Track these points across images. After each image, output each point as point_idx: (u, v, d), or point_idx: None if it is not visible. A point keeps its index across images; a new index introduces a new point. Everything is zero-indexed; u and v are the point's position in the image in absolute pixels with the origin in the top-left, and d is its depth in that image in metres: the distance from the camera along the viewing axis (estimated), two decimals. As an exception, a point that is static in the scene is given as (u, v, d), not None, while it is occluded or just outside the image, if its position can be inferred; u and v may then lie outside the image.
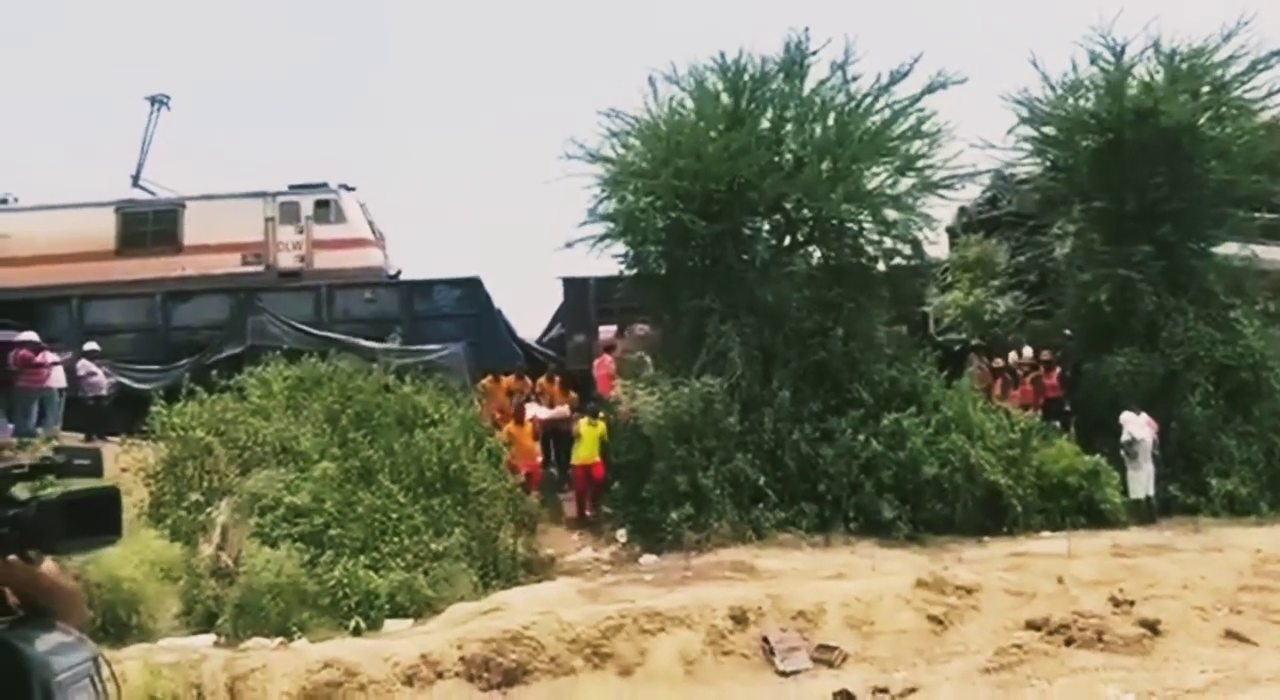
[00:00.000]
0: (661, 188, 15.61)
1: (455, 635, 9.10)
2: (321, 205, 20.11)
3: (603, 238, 16.43)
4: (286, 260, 19.82)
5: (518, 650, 9.20)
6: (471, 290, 19.60)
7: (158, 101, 22.39)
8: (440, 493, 12.17)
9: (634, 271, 16.97)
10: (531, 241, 44.40)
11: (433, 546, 11.28)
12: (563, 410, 16.15)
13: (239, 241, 19.81)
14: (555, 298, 21.15)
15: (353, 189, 20.69)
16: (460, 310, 19.46)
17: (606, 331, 19.28)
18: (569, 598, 10.54)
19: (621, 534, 13.93)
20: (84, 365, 16.33)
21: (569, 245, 16.35)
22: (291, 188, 20.38)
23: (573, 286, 20.26)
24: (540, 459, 15.46)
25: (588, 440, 14.74)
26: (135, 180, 21.77)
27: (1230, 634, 9.96)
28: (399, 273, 21.51)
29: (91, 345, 16.86)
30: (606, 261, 17.12)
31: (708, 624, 9.95)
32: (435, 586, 10.88)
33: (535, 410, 15.79)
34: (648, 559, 13.03)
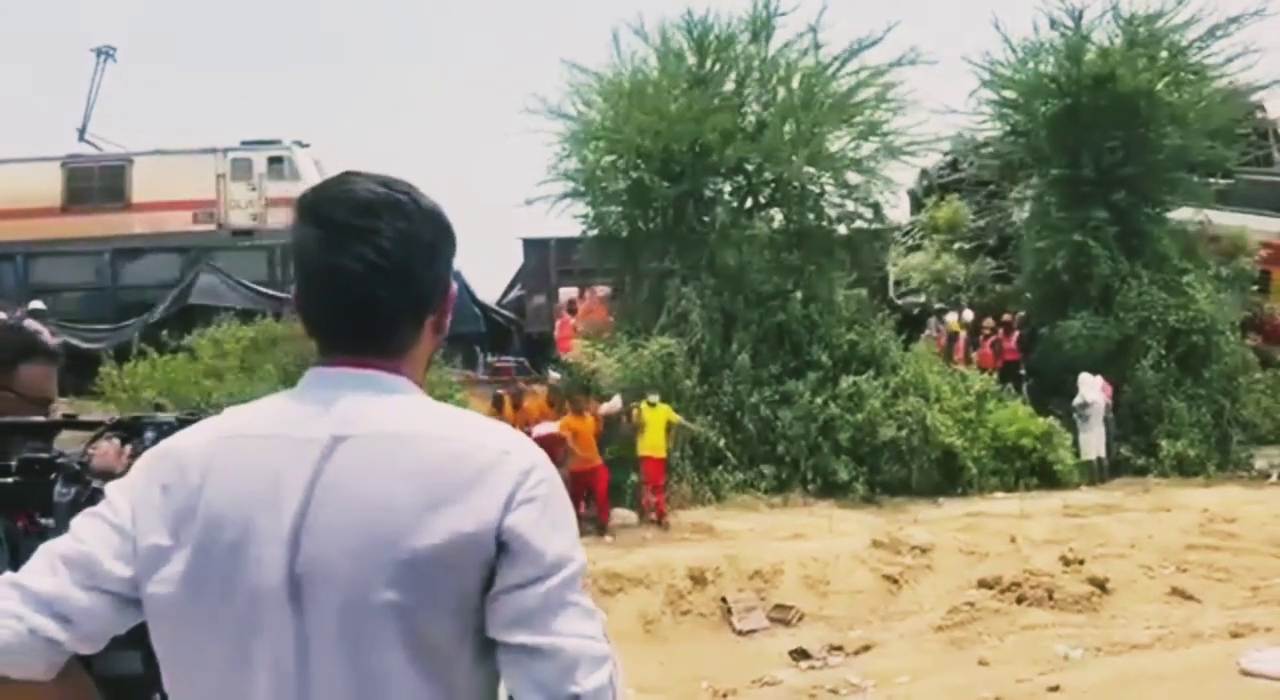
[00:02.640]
0: (623, 147, 15.51)
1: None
2: (275, 162, 19.73)
3: (563, 197, 16.32)
4: (239, 218, 19.45)
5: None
6: (429, 251, 19.38)
7: (104, 53, 21.75)
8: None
9: (595, 232, 16.89)
10: (491, 202, 44.12)
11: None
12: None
13: (190, 198, 19.39)
14: (515, 259, 21.05)
15: (307, 146, 20.31)
16: (418, 270, 19.24)
17: (567, 293, 19.20)
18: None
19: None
20: (29, 324, 15.94)
21: (529, 203, 16.28)
22: (244, 144, 19.96)
23: (533, 247, 20.17)
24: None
25: (654, 425, 12.89)
26: (81, 135, 21.20)
27: (1176, 592, 10.18)
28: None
29: (37, 304, 16.46)
30: (567, 223, 17.03)
31: (666, 584, 10.02)
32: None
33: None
34: (627, 517, 12.96)
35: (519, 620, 1.28)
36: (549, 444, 12.56)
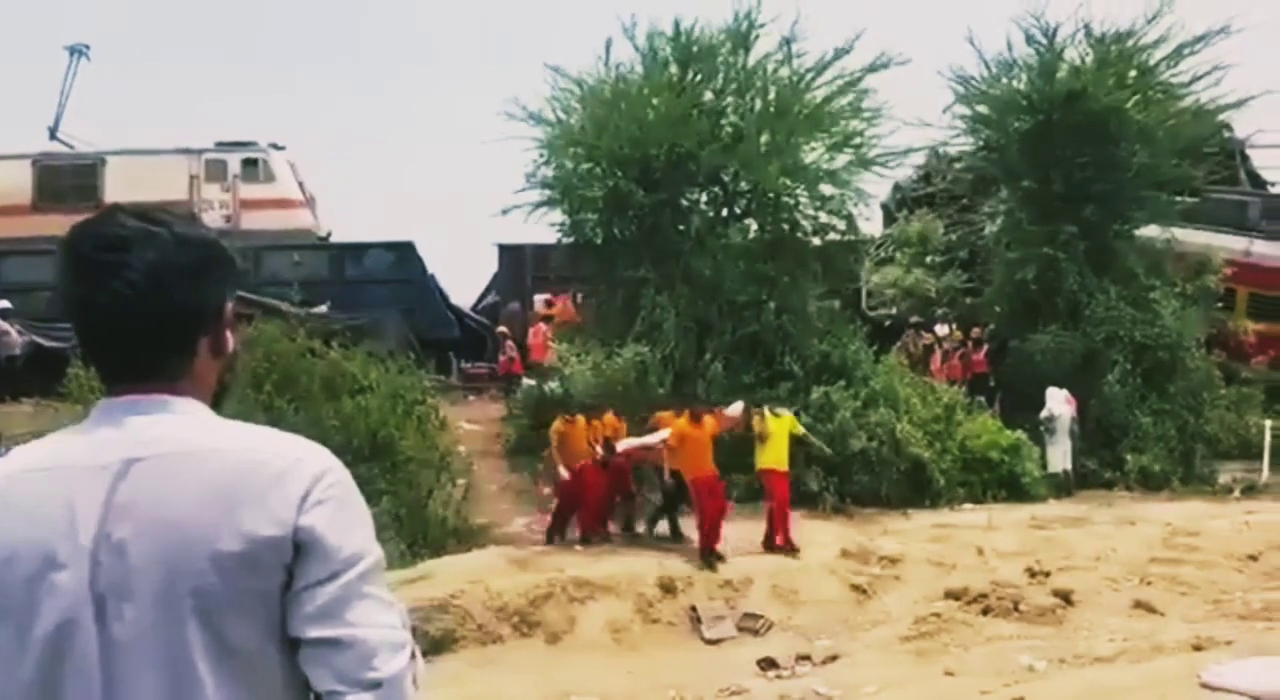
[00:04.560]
0: (601, 154, 15.55)
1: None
2: (249, 164, 19.61)
3: (540, 204, 16.33)
4: (212, 219, 19.25)
5: (445, 618, 9.17)
6: (405, 255, 19.36)
7: (77, 51, 21.55)
8: (368, 460, 11.99)
9: (571, 240, 16.90)
10: (467, 208, 44.02)
11: (376, 515, 11.14)
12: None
13: (162, 199, 18.99)
14: (491, 265, 21.04)
15: (282, 148, 20.21)
16: (393, 275, 19.23)
17: (541, 299, 19.25)
18: (498, 566, 10.51)
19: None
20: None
21: (505, 212, 16.24)
22: (218, 145, 19.83)
23: (509, 254, 20.18)
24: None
25: (778, 437, 11.76)
26: (53, 133, 21.00)
27: (1139, 604, 10.32)
28: (329, 235, 21.12)
29: (4, 303, 16.27)
30: (544, 229, 17.05)
31: (636, 593, 10.02)
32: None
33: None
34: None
35: (317, 615, 1.35)
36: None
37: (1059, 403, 15.28)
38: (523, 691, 8.34)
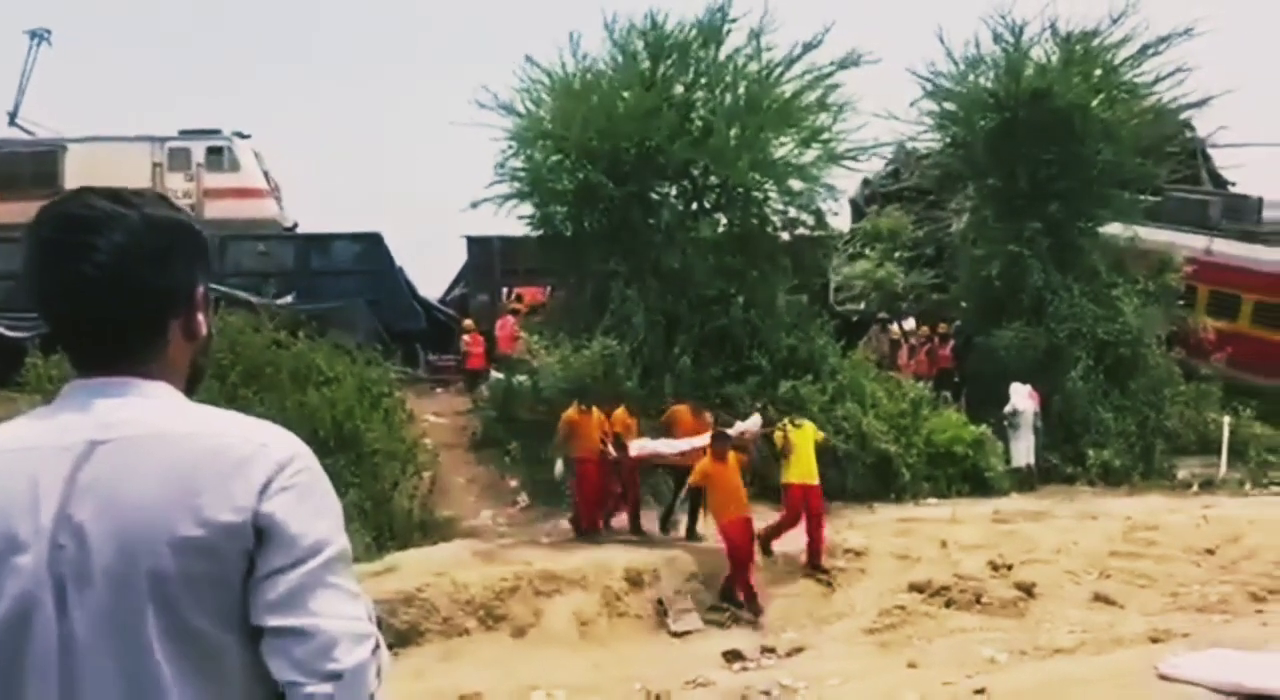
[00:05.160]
0: (570, 146, 15.51)
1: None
2: (214, 152, 19.38)
3: (510, 197, 16.26)
4: (175, 208, 19.05)
5: (410, 611, 9.13)
6: (371, 246, 19.21)
7: (38, 36, 21.14)
8: (334, 452, 11.91)
9: (540, 232, 16.86)
10: (435, 198, 43.71)
11: (325, 507, 11.05)
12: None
13: (124, 187, 18.97)
14: (459, 257, 20.94)
15: (247, 136, 19.98)
16: (359, 266, 19.07)
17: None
18: (464, 559, 10.48)
19: (523, 496, 13.90)
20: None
21: (474, 205, 16.16)
22: (182, 133, 19.58)
23: (478, 246, 20.09)
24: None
25: (802, 448, 11.07)
26: (12, 119, 20.60)
27: (1099, 597, 10.46)
28: (295, 226, 20.91)
29: (-40, 292, 15.96)
30: (513, 221, 16.98)
31: (603, 586, 10.03)
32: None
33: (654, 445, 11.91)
34: (566, 523, 12.83)
35: (279, 604, 1.33)
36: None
37: (1022, 398, 15.45)
38: (488, 685, 8.33)
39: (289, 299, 17.25)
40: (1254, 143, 19.09)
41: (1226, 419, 16.05)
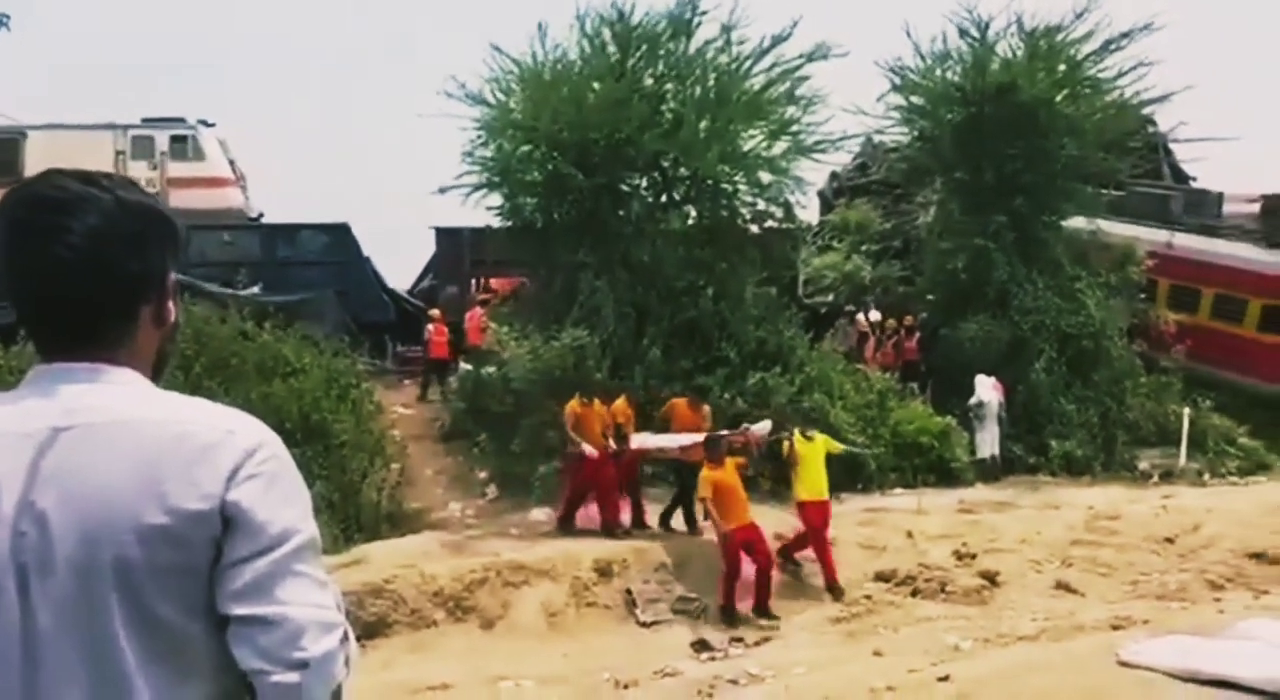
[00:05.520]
0: (540, 137, 15.47)
1: (313, 589, 8.90)
2: (178, 141, 19.13)
3: (478, 187, 16.19)
4: (138, 198, 18.79)
5: (378, 603, 9.11)
6: (339, 237, 19.06)
7: (-4, 20, 20.74)
8: (301, 444, 11.83)
9: (509, 223, 16.80)
10: (404, 189, 43.42)
11: (292, 499, 10.97)
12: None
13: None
14: (428, 248, 20.84)
15: (212, 125, 19.74)
16: (327, 257, 18.93)
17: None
18: (432, 551, 10.46)
19: (491, 488, 13.88)
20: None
21: (442, 191, 16.07)
22: (145, 121, 19.31)
23: (446, 237, 20.00)
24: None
25: (811, 461, 10.51)
26: (-30, 105, 20.20)
27: (1061, 585, 10.64)
28: (261, 216, 20.70)
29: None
30: (482, 212, 16.91)
31: (572, 576, 10.05)
32: (294, 540, 10.61)
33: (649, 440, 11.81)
34: (537, 514, 12.85)
35: (246, 592, 1.32)
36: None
37: (987, 390, 15.62)
38: (456, 676, 8.33)
39: (255, 290, 17.09)
40: (1213, 137, 19.25)
41: (1186, 411, 16.30)
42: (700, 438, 10.51)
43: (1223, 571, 10.96)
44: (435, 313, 17.79)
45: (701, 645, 9.11)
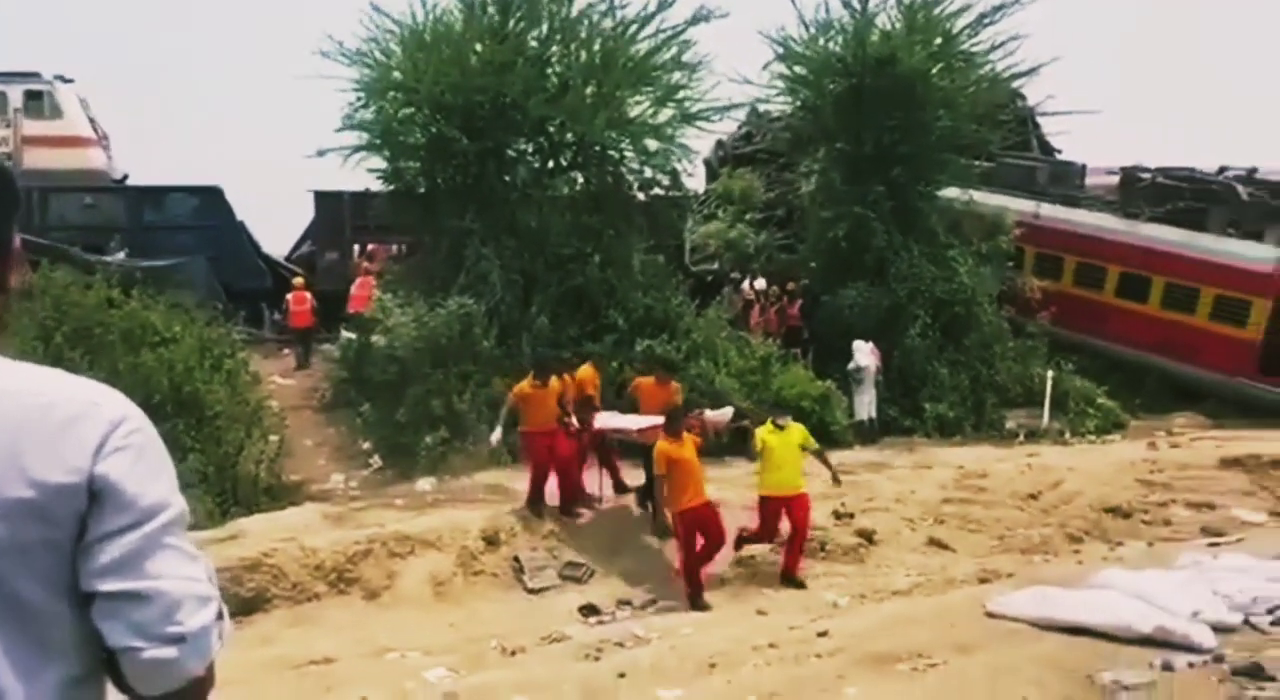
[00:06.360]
0: (422, 99, 15.12)
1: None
2: (33, 97, 18.04)
3: (358, 149, 15.74)
4: (-12, 156, 17.64)
5: (256, 578, 8.88)
6: (210, 200, 18.33)
7: None
8: (172, 417, 11.40)
9: (392, 188, 16.42)
10: (280, 151, 41.84)
11: (163, 473, 10.57)
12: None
13: None
14: (306, 212, 20.20)
15: (70, 81, 18.66)
16: (198, 221, 18.20)
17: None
18: (314, 523, 10.24)
19: (375, 459, 13.64)
20: None
21: (320, 154, 15.58)
22: (-3, 75, 18.13)
23: (326, 201, 19.42)
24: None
25: (780, 453, 9.70)
26: None
27: (933, 542, 11.10)
28: (126, 178, 19.72)
29: None
30: (362, 176, 16.45)
31: (459, 546, 9.98)
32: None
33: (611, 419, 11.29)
34: (423, 484, 12.69)
35: (115, 567, 1.29)
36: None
37: (865, 355, 16.08)
38: (340, 649, 8.21)
39: (121, 255, 16.32)
40: (1077, 111, 20.08)
41: (1050, 373, 17.09)
42: (659, 420, 9.95)
43: (1081, 525, 11.63)
44: (298, 281, 17.28)
45: (589, 610, 9.20)
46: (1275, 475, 13.13)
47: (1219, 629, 6.91)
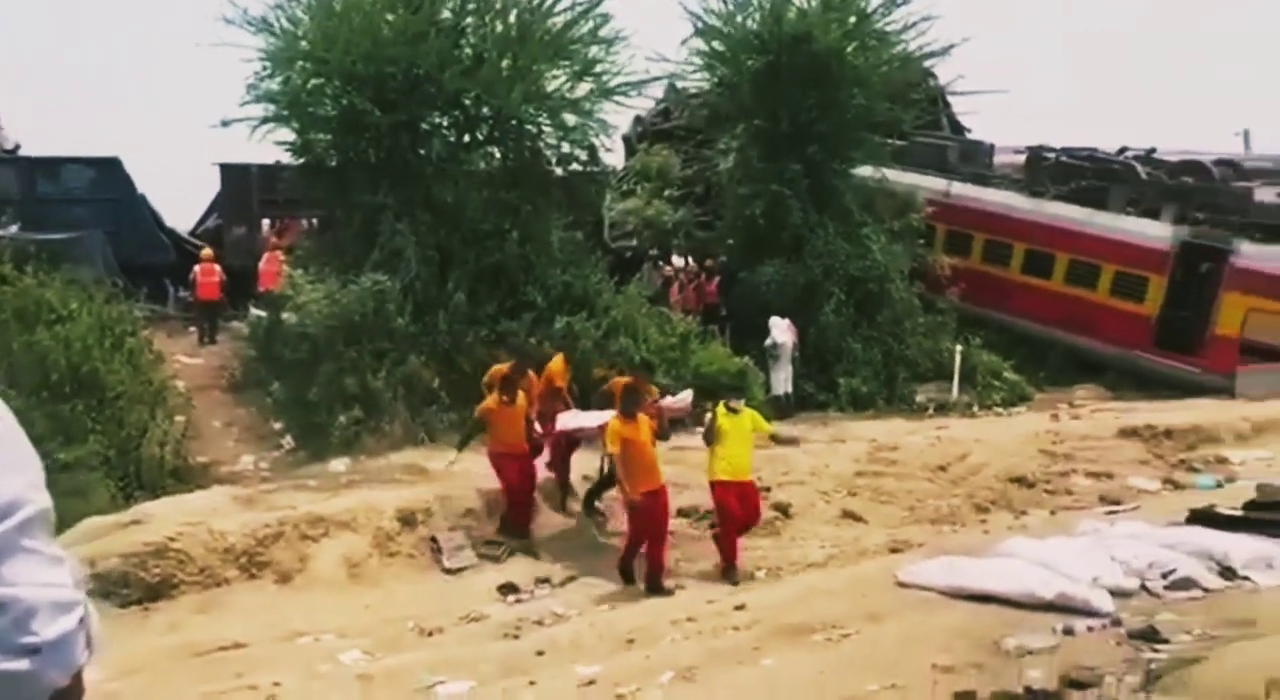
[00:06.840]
0: (331, 70, 14.70)
1: (88, 551, 8.32)
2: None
3: (266, 121, 15.24)
4: None
5: (162, 564, 8.61)
6: (108, 172, 17.62)
7: None
8: (70, 398, 10.98)
9: (302, 161, 15.97)
10: (184, 121, 40.36)
11: (60, 456, 10.17)
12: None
13: None
14: (212, 185, 19.57)
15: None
16: (95, 194, 17.49)
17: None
18: (222, 506, 9.96)
19: (287, 439, 13.33)
20: None
21: (225, 124, 15.03)
22: None
23: (232, 174, 18.86)
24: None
25: (734, 437, 9.45)
26: None
27: (847, 514, 11.33)
28: (17, 148, 18.83)
29: None
30: (270, 148, 15.95)
31: (374, 527, 9.82)
32: (65, 500, 9.85)
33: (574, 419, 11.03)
34: (336, 465, 12.42)
35: None
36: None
37: (782, 331, 16.29)
38: (250, 634, 8.03)
39: (13, 229, 15.59)
40: (986, 91, 20.53)
41: (959, 348, 17.54)
42: (592, 418, 9.78)
43: (988, 495, 11.99)
44: (206, 252, 16.78)
45: (508, 588, 9.16)
46: (1168, 445, 13.72)
47: (1116, 594, 7.18)
